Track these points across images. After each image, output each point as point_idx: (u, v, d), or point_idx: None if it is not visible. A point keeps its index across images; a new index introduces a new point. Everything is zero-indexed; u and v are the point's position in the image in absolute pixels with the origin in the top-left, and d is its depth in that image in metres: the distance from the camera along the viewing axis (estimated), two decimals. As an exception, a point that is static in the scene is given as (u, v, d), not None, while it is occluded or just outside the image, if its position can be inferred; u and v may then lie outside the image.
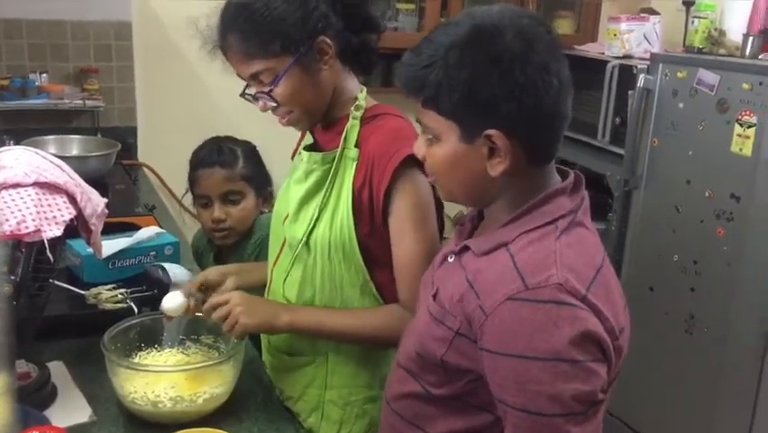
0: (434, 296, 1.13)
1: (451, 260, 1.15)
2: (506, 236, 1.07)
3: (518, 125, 1.02)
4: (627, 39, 2.98)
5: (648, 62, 2.73)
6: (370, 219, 1.36)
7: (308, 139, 1.50)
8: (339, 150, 1.38)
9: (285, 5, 1.30)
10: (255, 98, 1.37)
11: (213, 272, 1.56)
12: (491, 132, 1.02)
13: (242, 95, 1.40)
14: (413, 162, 1.27)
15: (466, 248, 1.12)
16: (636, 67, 2.79)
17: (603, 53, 3.11)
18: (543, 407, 0.98)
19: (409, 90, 1.08)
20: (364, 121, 1.39)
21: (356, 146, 1.37)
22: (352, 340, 1.42)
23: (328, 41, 1.33)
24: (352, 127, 1.38)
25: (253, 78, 1.35)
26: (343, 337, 1.41)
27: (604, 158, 2.99)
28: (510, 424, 1.02)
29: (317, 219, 1.39)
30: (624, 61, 2.91)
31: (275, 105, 1.36)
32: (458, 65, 1.01)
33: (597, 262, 1.05)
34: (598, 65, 2.98)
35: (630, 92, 2.76)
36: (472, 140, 1.04)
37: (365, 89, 1.42)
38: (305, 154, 1.44)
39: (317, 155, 1.41)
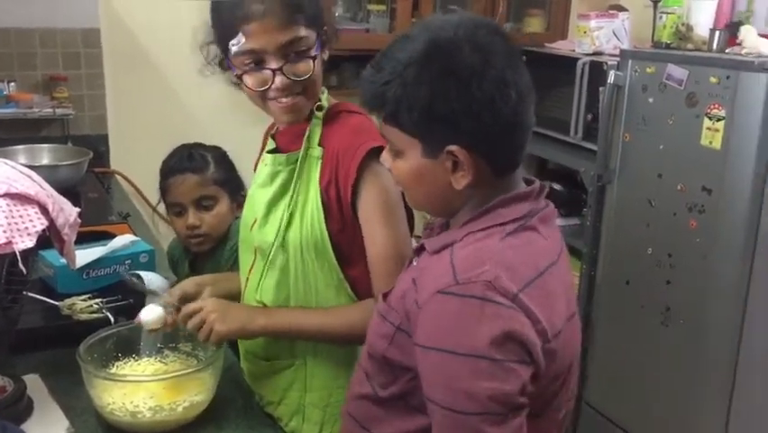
0: (386, 295, 1.15)
1: (415, 263, 1.16)
2: (454, 236, 1.08)
3: (479, 140, 1.03)
4: (597, 36, 3.01)
5: (618, 58, 2.75)
6: (340, 216, 1.37)
7: (270, 145, 1.50)
8: (303, 149, 1.39)
9: None
10: (281, 71, 1.31)
11: (189, 284, 1.54)
12: (452, 147, 1.03)
13: (239, 77, 1.34)
14: (377, 155, 1.27)
15: (423, 248, 1.14)
16: (607, 63, 2.81)
17: (574, 50, 3.13)
18: (461, 405, 0.97)
19: (371, 107, 1.09)
20: (325, 120, 1.41)
21: (319, 145, 1.38)
22: (328, 338, 1.41)
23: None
24: (315, 126, 1.40)
25: (284, 48, 1.30)
26: (320, 336, 1.41)
27: (577, 154, 3.01)
28: (435, 422, 1.01)
29: (289, 220, 1.39)
30: (594, 58, 2.94)
31: (303, 78, 1.33)
32: (416, 82, 1.02)
33: (540, 266, 1.05)
34: (569, 62, 3.00)
35: (601, 88, 2.78)
36: (435, 155, 1.05)
37: (326, 91, 1.44)
38: (268, 157, 1.44)
39: (281, 157, 1.42)
